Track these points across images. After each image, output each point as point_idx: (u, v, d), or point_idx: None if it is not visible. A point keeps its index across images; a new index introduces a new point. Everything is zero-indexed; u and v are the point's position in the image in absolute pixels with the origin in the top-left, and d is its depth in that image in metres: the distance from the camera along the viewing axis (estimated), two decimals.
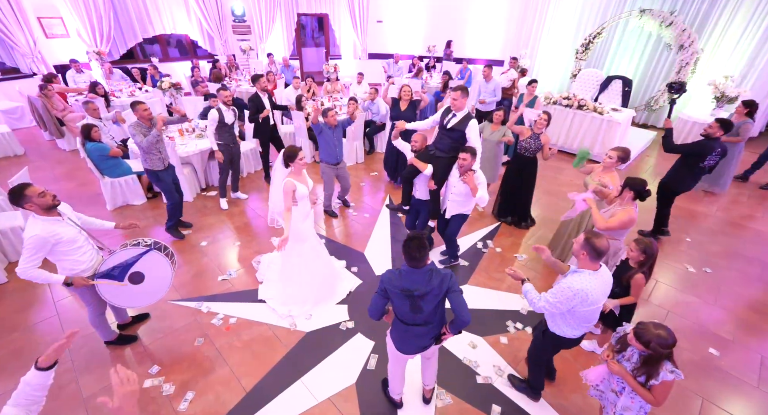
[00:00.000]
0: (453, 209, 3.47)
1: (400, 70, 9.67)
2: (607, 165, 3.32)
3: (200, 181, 5.18)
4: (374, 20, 10.53)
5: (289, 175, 2.92)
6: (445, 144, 3.46)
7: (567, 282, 1.98)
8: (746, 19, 6.84)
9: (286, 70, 8.67)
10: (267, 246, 4.16)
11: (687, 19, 7.27)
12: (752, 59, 6.95)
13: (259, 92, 4.92)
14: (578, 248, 2.00)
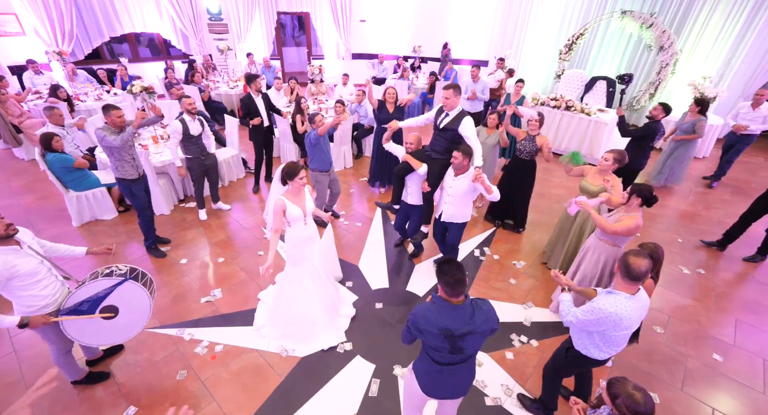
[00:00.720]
0: (449, 212, 3.30)
1: (385, 70, 9.49)
2: (604, 168, 3.25)
3: (178, 192, 4.83)
4: (357, 19, 10.29)
5: (285, 193, 2.65)
6: (440, 145, 3.28)
7: (600, 302, 1.86)
8: (722, 21, 7.01)
9: (266, 71, 8.33)
10: (254, 262, 3.89)
11: (666, 20, 7.40)
12: (728, 59, 7.13)
13: (252, 94, 4.64)
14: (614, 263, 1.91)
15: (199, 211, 4.56)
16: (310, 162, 4.18)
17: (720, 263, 4.16)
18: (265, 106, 4.83)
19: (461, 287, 1.62)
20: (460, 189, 3.13)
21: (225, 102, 7.62)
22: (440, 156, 3.29)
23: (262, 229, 4.42)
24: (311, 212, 2.78)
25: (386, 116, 4.80)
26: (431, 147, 3.37)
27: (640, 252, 1.85)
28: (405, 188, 3.64)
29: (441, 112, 3.25)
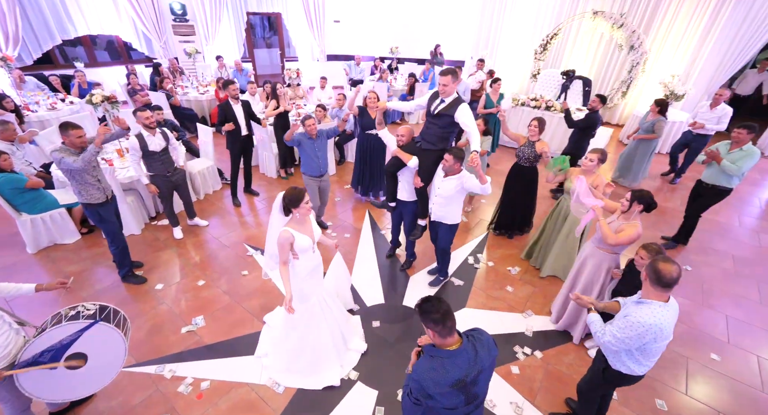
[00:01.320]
0: (438, 212, 3.18)
1: (362, 72, 9.29)
2: (588, 168, 3.22)
3: (148, 209, 4.45)
4: (331, 20, 10.02)
5: (289, 223, 2.36)
6: (432, 134, 3.08)
7: (636, 316, 1.76)
8: (686, 21, 7.31)
9: (239, 74, 7.93)
10: (239, 284, 3.61)
11: (635, 20, 7.62)
12: (693, 58, 7.44)
13: (231, 100, 4.35)
14: (642, 264, 1.82)
15: (173, 229, 4.21)
16: (302, 165, 4.05)
17: (706, 259, 4.26)
18: (245, 115, 4.53)
19: (451, 319, 1.46)
20: (448, 190, 3.01)
21: (195, 108, 7.19)
22: (431, 146, 3.10)
23: (246, 246, 4.14)
24: (318, 239, 2.54)
25: (369, 121, 4.64)
26: (422, 136, 3.17)
27: (668, 258, 1.77)
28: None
29: (435, 98, 3.04)
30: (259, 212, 4.83)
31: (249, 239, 4.28)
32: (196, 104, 7.21)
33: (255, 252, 4.04)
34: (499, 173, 5.86)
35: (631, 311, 1.81)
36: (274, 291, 3.53)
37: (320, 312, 2.63)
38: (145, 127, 3.56)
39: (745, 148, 3.71)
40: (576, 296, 2.14)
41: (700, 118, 5.42)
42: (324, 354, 2.68)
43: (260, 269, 3.81)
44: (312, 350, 2.64)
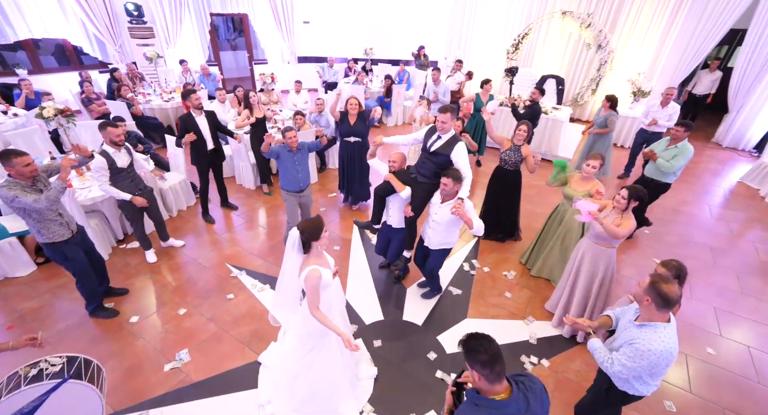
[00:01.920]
0: (434, 238, 3.06)
1: (335, 74, 9.06)
2: (589, 174, 3.24)
3: (115, 231, 4.05)
4: (300, 21, 9.70)
5: (309, 259, 2.11)
6: (428, 169, 3.03)
7: (644, 343, 1.69)
8: (649, 19, 7.62)
9: (205, 79, 7.47)
10: (225, 309, 3.33)
11: (601, 20, 7.87)
12: (656, 55, 7.78)
13: (193, 112, 3.97)
14: (642, 292, 1.73)
15: (146, 252, 3.84)
16: (280, 179, 3.76)
17: (687, 251, 4.41)
18: (210, 127, 4.18)
19: (501, 363, 1.32)
20: (446, 216, 2.88)
21: (160, 117, 6.69)
22: (427, 180, 3.04)
23: (228, 266, 3.84)
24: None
25: (348, 129, 4.44)
26: (417, 169, 3.10)
27: (667, 277, 1.73)
28: (386, 210, 3.34)
29: (432, 134, 3.00)
30: (238, 228, 4.53)
31: (231, 258, 3.99)
32: (161, 113, 6.72)
33: (239, 272, 3.76)
34: (483, 175, 5.85)
35: (637, 337, 1.74)
36: (265, 315, 3.27)
37: (336, 347, 2.39)
38: (111, 143, 3.18)
39: (680, 146, 3.98)
40: (571, 321, 2.09)
41: (652, 116, 5.52)
42: (339, 392, 2.46)
43: (246, 290, 3.55)
44: (326, 392, 2.41)
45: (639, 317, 1.82)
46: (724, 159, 7.39)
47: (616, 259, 2.90)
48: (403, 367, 2.88)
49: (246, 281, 3.66)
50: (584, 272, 2.94)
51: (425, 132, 3.08)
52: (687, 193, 5.87)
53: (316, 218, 2.09)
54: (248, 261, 3.95)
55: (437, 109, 2.89)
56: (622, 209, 2.70)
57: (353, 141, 4.53)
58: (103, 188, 3.23)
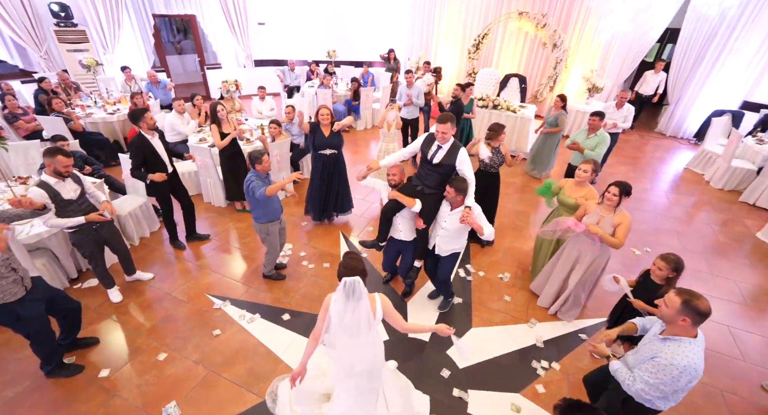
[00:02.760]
0: (444, 246, 3.00)
1: (297, 78, 8.69)
2: (582, 179, 3.27)
3: (67, 269, 3.50)
4: (255, 22, 9.17)
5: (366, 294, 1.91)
6: (433, 180, 2.94)
7: (667, 357, 1.68)
8: (597, 19, 8.08)
9: (154, 88, 6.79)
10: (213, 347, 2.98)
11: (554, 19, 8.23)
12: (605, 53, 8.28)
13: (144, 134, 3.46)
14: (674, 313, 1.70)
15: (108, 292, 3.36)
16: (256, 216, 3.32)
17: (659, 238, 4.69)
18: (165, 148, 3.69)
19: None
20: (456, 224, 2.82)
21: (105, 132, 5.98)
22: (434, 190, 2.94)
23: (209, 297, 3.46)
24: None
25: (322, 141, 4.09)
26: (422, 182, 2.98)
27: (693, 292, 1.71)
28: (393, 225, 3.19)
29: (430, 144, 2.89)
30: (212, 253, 4.12)
31: (210, 287, 3.61)
32: (105, 127, 6.00)
33: (223, 303, 3.40)
34: None
35: (659, 351, 1.73)
36: (260, 349, 2.98)
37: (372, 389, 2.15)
38: (55, 173, 2.69)
39: (599, 134, 4.34)
40: (593, 348, 2.07)
41: (609, 118, 5.60)
42: None
43: (234, 323, 3.22)
44: None
45: (664, 331, 1.82)
46: (668, 147, 8.05)
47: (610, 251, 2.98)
48: (420, 388, 2.73)
49: (232, 313, 3.32)
50: (581, 262, 3.03)
51: (421, 142, 2.96)
52: (645, 182, 6.29)
53: (358, 258, 1.90)
54: (231, 289, 3.60)
55: (436, 120, 2.77)
56: (614, 205, 2.76)
57: (329, 153, 4.23)
58: (48, 224, 2.73)
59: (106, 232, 3.05)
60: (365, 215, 4.97)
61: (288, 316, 3.31)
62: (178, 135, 5.22)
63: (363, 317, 1.87)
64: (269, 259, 3.59)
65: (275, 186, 3.13)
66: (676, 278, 2.37)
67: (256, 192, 3.09)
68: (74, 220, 2.74)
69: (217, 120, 4.17)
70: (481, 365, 2.95)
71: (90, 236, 2.94)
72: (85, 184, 2.94)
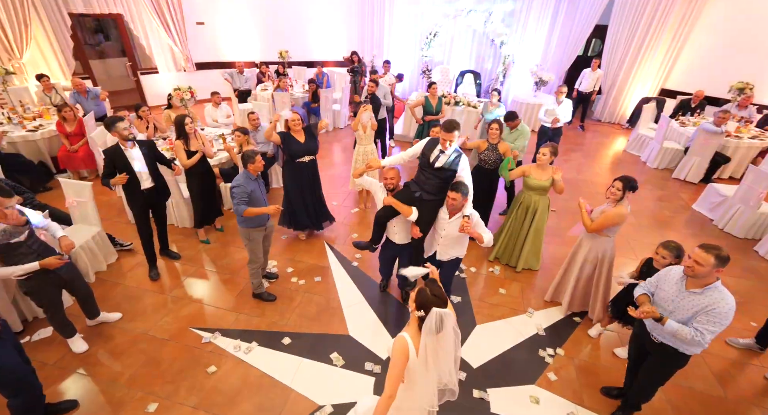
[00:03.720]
0: (445, 254, 2.97)
1: (247, 81, 8.16)
2: (543, 162, 3.49)
3: (10, 324, 2.92)
4: (193, 22, 8.42)
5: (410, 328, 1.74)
6: (433, 186, 2.87)
7: (721, 305, 1.88)
8: (536, 17, 8.62)
9: (82, 98, 5.92)
10: (211, 386, 2.68)
11: (498, 16, 8.61)
12: (546, 48, 8.86)
13: (120, 144, 3.08)
14: (710, 268, 1.87)
15: (69, 342, 2.87)
16: (239, 219, 3.07)
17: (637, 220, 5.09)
18: (148, 161, 3.29)
19: None
20: (455, 232, 2.79)
21: (26, 152, 5.11)
22: (433, 197, 2.87)
23: (195, 331, 3.11)
24: None
25: (299, 148, 3.83)
26: (420, 187, 2.90)
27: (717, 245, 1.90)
28: (387, 228, 3.11)
29: (432, 148, 2.83)
30: (187, 279, 3.72)
31: (193, 319, 3.25)
32: (27, 147, 5.13)
33: (212, 336, 3.08)
34: None
35: (710, 303, 1.89)
36: (265, 380, 2.74)
37: None
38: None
39: (519, 128, 4.47)
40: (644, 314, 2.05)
41: (551, 113, 5.79)
42: None
43: (230, 356, 2.93)
44: None
45: (689, 283, 1.98)
46: (606, 133, 8.86)
47: (614, 245, 3.12)
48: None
49: (224, 345, 3.02)
50: (588, 261, 3.15)
51: (424, 146, 2.90)
52: (594, 166, 6.86)
53: (430, 282, 1.76)
54: (218, 319, 3.27)
55: (442, 127, 2.74)
56: (617, 199, 2.92)
57: (308, 160, 4.01)
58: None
59: (67, 273, 2.58)
60: (345, 221, 4.81)
61: (288, 339, 3.09)
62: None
63: (450, 344, 1.72)
64: (252, 269, 3.32)
65: (255, 210, 2.95)
66: (678, 264, 2.54)
67: (239, 206, 2.89)
68: (26, 267, 2.28)
69: (184, 134, 3.70)
70: (493, 361, 3.00)
71: (47, 280, 2.46)
72: (34, 221, 2.45)
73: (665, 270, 2.18)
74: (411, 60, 9.50)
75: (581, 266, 3.20)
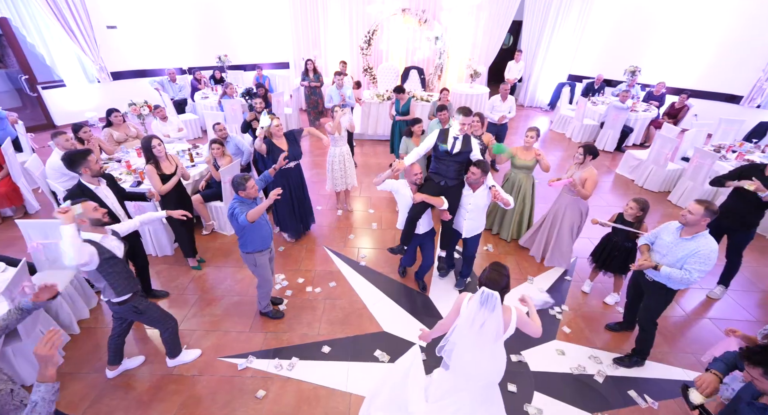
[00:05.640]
0: (472, 228, 3.31)
1: (182, 89, 7.45)
2: (529, 144, 3.99)
3: None
4: (103, 26, 7.34)
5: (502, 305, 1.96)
6: (453, 170, 3.19)
7: (706, 248, 2.33)
8: (462, 15, 9.30)
9: None
10: (266, 413, 2.57)
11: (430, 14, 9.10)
12: (473, 43, 9.63)
13: (85, 183, 2.69)
14: (699, 217, 2.33)
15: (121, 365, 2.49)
16: (241, 244, 2.91)
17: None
18: (117, 194, 2.93)
19: None
20: (480, 202, 3.16)
21: None
22: (456, 181, 3.18)
23: (225, 360, 2.91)
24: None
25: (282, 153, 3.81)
26: (443, 176, 3.17)
27: (708, 200, 2.39)
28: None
29: (446, 139, 3.10)
30: (192, 310, 3.43)
31: (218, 349, 3.04)
32: None
33: (246, 360, 2.92)
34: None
35: (697, 247, 2.38)
36: (321, 392, 2.72)
37: None
38: None
39: (452, 124, 5.04)
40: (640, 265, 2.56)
41: (497, 110, 6.36)
42: None
43: (274, 377, 2.83)
44: None
45: (683, 231, 2.47)
46: (531, 115, 10.02)
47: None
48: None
49: (263, 367, 2.90)
50: (566, 219, 3.75)
51: (437, 138, 3.14)
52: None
53: (499, 270, 1.94)
54: (245, 343, 3.10)
55: (461, 113, 3.04)
56: (580, 163, 3.49)
57: (294, 166, 3.98)
58: None
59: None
60: (334, 224, 4.81)
61: (327, 347, 3.08)
62: (72, 180, 3.97)
63: (492, 329, 1.93)
64: (262, 293, 3.19)
65: (257, 209, 2.69)
66: (644, 216, 3.14)
67: (238, 218, 2.66)
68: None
69: (153, 157, 3.30)
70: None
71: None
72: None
73: (665, 224, 2.67)
74: (352, 59, 9.55)
75: (560, 223, 3.77)
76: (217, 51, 8.18)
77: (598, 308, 3.60)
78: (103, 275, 2.23)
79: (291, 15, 8.89)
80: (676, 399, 2.76)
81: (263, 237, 2.92)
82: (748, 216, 3.39)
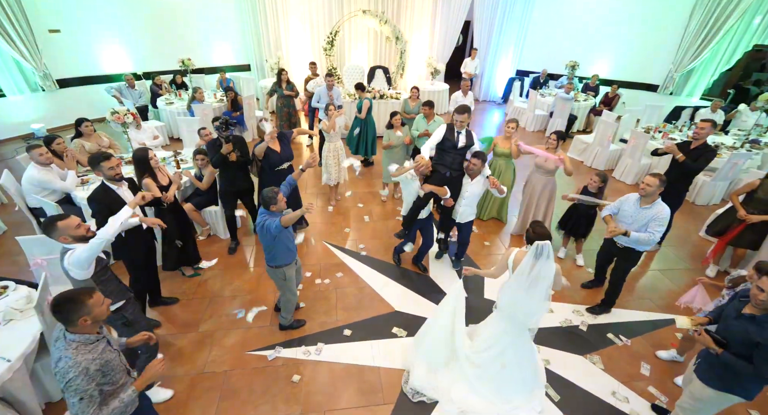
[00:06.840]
0: (466, 214, 3.70)
1: (142, 95, 7.12)
2: (509, 134, 4.47)
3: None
4: (44, 30, 6.75)
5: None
6: (458, 163, 3.57)
7: (663, 213, 2.87)
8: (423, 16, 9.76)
9: None
10: (306, 393, 2.76)
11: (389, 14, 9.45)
12: (430, 42, 10.14)
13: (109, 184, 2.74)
14: (655, 189, 2.84)
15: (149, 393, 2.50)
16: (269, 259, 2.88)
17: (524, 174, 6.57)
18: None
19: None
20: (476, 190, 3.53)
21: None
22: (459, 173, 3.56)
23: (253, 354, 3.03)
24: None
25: (278, 157, 3.89)
26: (449, 167, 3.53)
27: (662, 174, 2.92)
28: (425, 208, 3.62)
29: (453, 133, 3.48)
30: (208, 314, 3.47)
31: (245, 344, 3.15)
32: None
33: (275, 352, 3.07)
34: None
35: (656, 213, 2.89)
36: (352, 369, 2.96)
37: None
38: None
39: (436, 120, 4.87)
40: (611, 233, 3.06)
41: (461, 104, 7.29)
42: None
43: (304, 361, 3.01)
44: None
45: (642, 201, 2.99)
46: (487, 109, 10.81)
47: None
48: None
49: (293, 354, 3.06)
50: (543, 197, 4.28)
51: (444, 134, 3.49)
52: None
53: (541, 224, 2.33)
54: (269, 336, 3.23)
55: (456, 112, 3.40)
56: (554, 147, 4.02)
57: (287, 167, 4.11)
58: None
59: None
60: (328, 220, 4.99)
61: (348, 330, 3.31)
62: (53, 194, 3.80)
63: (547, 273, 2.28)
64: (288, 308, 3.16)
65: (293, 215, 2.67)
66: (605, 186, 3.73)
67: (271, 227, 2.62)
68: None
69: (149, 170, 3.25)
70: None
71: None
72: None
73: (625, 196, 3.16)
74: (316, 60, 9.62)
75: (537, 201, 4.32)
76: (174, 55, 7.85)
77: (573, 269, 4.19)
78: (97, 283, 2.21)
79: (251, 16, 8.78)
80: (643, 335, 3.38)
81: (291, 249, 2.90)
82: (676, 183, 4.05)
